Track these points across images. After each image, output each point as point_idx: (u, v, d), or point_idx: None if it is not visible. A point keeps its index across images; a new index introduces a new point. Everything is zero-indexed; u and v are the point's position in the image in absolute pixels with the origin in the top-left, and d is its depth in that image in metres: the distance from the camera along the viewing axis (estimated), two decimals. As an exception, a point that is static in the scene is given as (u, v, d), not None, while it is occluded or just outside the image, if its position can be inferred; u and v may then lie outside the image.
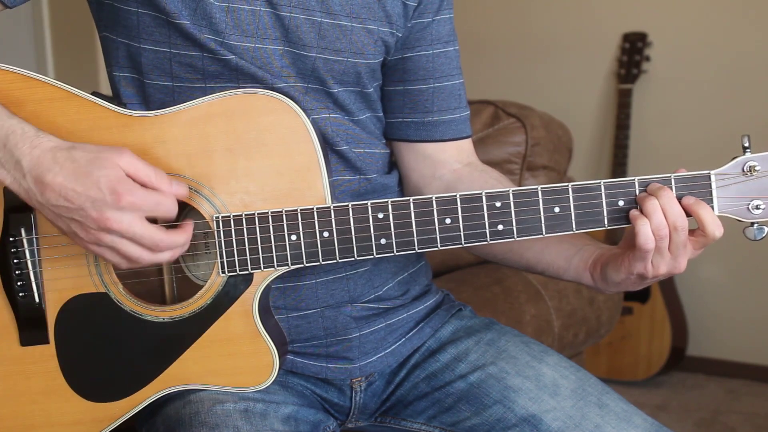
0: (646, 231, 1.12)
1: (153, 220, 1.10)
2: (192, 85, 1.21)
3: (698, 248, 1.15)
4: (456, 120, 1.37)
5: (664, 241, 1.13)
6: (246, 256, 1.15)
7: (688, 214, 1.13)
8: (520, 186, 1.44)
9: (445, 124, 1.36)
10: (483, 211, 1.15)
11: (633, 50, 3.50)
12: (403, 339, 1.34)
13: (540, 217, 1.15)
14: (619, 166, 3.45)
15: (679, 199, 1.13)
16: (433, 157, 1.37)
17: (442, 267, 2.02)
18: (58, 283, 1.18)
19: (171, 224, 1.13)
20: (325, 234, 1.15)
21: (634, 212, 1.14)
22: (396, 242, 1.15)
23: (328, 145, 1.25)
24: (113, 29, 1.23)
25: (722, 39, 3.39)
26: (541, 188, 1.15)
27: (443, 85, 1.35)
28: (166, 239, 1.09)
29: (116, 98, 1.25)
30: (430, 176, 1.37)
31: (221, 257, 1.16)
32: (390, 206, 1.15)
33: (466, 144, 1.40)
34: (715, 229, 1.13)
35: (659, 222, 1.12)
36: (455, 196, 1.15)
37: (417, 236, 1.16)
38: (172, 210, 1.09)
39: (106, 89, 1.29)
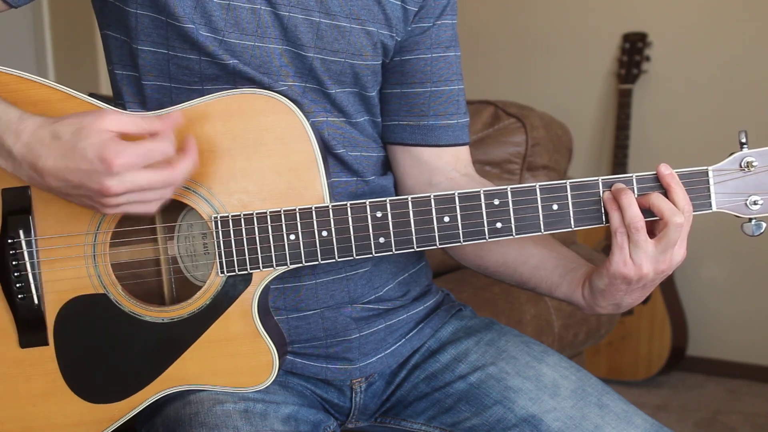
0: (614, 218, 1.13)
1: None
2: (189, 87, 1.20)
3: (674, 242, 1.14)
4: (453, 126, 1.36)
5: (636, 233, 1.12)
6: (245, 256, 1.15)
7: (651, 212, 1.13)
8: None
9: (442, 129, 1.35)
10: (481, 209, 1.15)
11: (633, 50, 3.50)
12: (403, 339, 1.34)
13: (538, 215, 1.15)
14: (619, 166, 3.45)
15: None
16: (429, 163, 1.35)
17: (442, 267, 2.02)
18: (56, 284, 1.18)
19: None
20: (324, 233, 1.15)
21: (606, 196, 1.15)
22: (395, 241, 1.15)
23: (324, 148, 1.24)
24: (115, 28, 1.23)
25: (722, 39, 3.39)
26: (539, 185, 1.15)
27: (441, 89, 1.34)
28: (171, 175, 1.07)
29: (117, 96, 1.25)
30: (426, 183, 1.36)
31: (220, 257, 1.15)
32: (388, 205, 1.15)
33: (464, 153, 1.38)
34: (672, 215, 1.11)
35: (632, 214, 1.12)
36: (453, 194, 1.15)
37: (416, 235, 1.15)
38: (168, 148, 1.07)
39: (106, 89, 1.29)
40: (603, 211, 1.15)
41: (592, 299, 1.22)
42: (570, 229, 1.15)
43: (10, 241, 1.17)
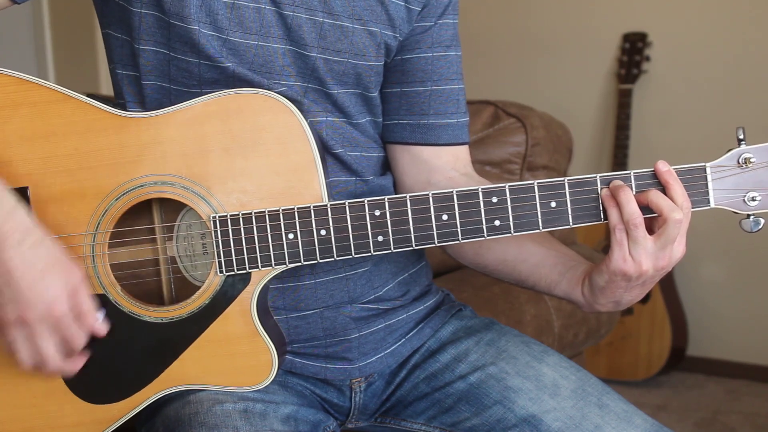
0: (613, 215, 1.13)
1: None
2: (188, 90, 1.21)
3: (673, 238, 1.14)
4: (453, 125, 1.36)
5: (635, 230, 1.12)
6: (243, 255, 1.15)
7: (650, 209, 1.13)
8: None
9: (441, 128, 1.35)
10: (480, 206, 1.15)
11: (633, 50, 3.50)
12: (403, 339, 1.34)
13: (537, 212, 1.15)
14: (619, 166, 3.45)
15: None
16: (428, 162, 1.35)
17: (442, 267, 2.02)
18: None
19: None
20: (323, 232, 1.15)
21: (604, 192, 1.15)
22: (393, 239, 1.15)
23: (323, 148, 1.24)
24: (116, 27, 1.23)
25: (722, 39, 3.40)
26: (538, 183, 1.15)
27: (441, 88, 1.34)
28: (54, 366, 1.13)
29: (117, 96, 1.25)
30: (425, 182, 1.36)
31: (218, 257, 1.15)
32: (387, 203, 1.15)
33: (463, 152, 1.38)
34: (671, 212, 1.12)
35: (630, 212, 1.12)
36: (452, 192, 1.15)
37: (414, 233, 1.15)
38: (76, 350, 1.13)
39: (106, 89, 1.29)
40: (601, 208, 1.15)
41: (592, 297, 1.22)
42: (569, 227, 1.15)
43: (9, 241, 1.17)
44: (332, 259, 1.16)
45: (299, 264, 1.16)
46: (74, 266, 1.12)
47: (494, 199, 1.15)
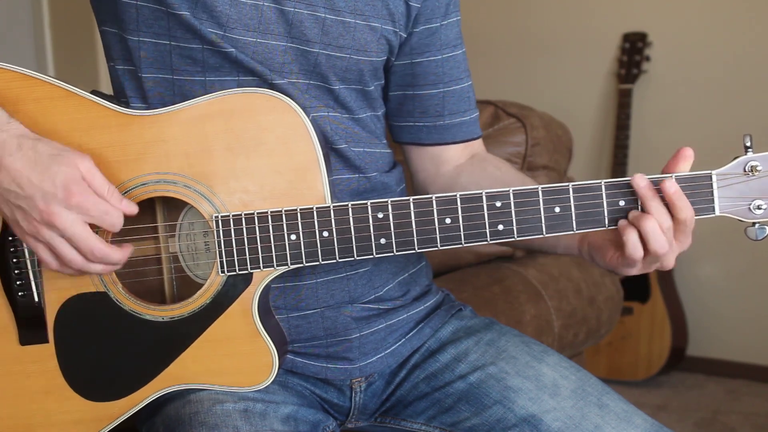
0: (634, 240, 1.13)
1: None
2: (192, 78, 1.20)
3: (682, 237, 1.14)
4: (466, 122, 1.39)
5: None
6: (245, 255, 1.15)
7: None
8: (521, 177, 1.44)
9: (456, 126, 1.38)
10: (483, 210, 1.15)
11: (633, 50, 3.50)
12: (403, 339, 1.34)
13: (540, 217, 1.15)
14: (619, 166, 3.45)
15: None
16: (440, 156, 1.40)
17: (442, 267, 2.02)
18: (57, 282, 1.18)
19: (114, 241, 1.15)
20: (325, 234, 1.15)
21: (622, 222, 1.14)
22: (396, 242, 1.15)
23: (327, 144, 1.25)
24: (113, 23, 1.22)
25: (722, 39, 3.39)
26: (542, 188, 1.15)
27: (452, 89, 1.37)
28: (101, 249, 1.10)
29: (118, 93, 1.25)
30: (435, 173, 1.40)
31: (220, 257, 1.15)
32: (390, 206, 1.15)
33: (477, 145, 1.43)
34: (686, 213, 1.12)
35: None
36: (455, 195, 1.15)
37: (417, 236, 1.15)
38: (117, 223, 1.11)
39: (106, 87, 1.29)
40: (605, 215, 1.15)
41: (590, 258, 1.24)
42: (572, 232, 1.15)
43: (10, 239, 1.17)
44: (334, 261, 1.16)
45: (301, 265, 1.16)
46: (80, 153, 1.11)
47: (498, 203, 1.15)
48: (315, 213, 1.15)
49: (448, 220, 1.15)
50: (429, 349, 1.35)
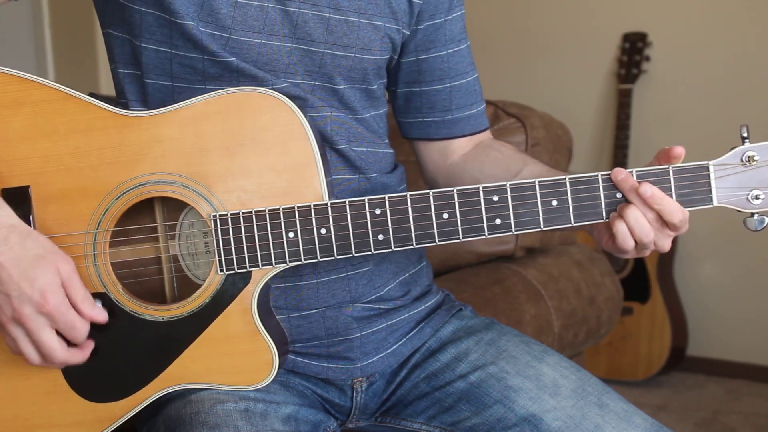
0: (623, 231, 1.14)
1: None
2: (192, 86, 1.21)
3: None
4: (474, 115, 1.41)
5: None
6: (244, 254, 1.15)
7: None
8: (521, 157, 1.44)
9: (464, 120, 1.40)
10: (480, 205, 1.15)
11: (633, 50, 3.50)
12: (404, 339, 1.34)
13: (538, 211, 1.15)
14: (619, 166, 3.44)
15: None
16: (448, 147, 1.41)
17: (442, 267, 2.02)
18: (57, 283, 1.17)
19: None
20: (323, 231, 1.15)
21: (613, 214, 1.15)
22: (393, 238, 1.15)
23: (327, 144, 1.25)
24: (117, 26, 1.23)
25: (722, 39, 3.39)
26: (539, 182, 1.15)
27: (459, 83, 1.38)
28: (60, 357, 1.12)
29: (119, 95, 1.25)
30: (442, 164, 1.41)
31: (219, 255, 1.16)
32: (387, 202, 1.15)
33: (485, 135, 1.44)
34: (677, 215, 1.13)
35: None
36: (452, 190, 1.15)
37: (414, 231, 1.16)
38: (80, 337, 1.13)
39: (106, 88, 1.29)
40: (603, 207, 1.15)
41: (593, 237, 1.23)
42: (570, 225, 1.15)
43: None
44: (333, 258, 1.16)
45: (299, 263, 1.16)
46: (65, 256, 1.12)
47: (495, 198, 1.15)
48: (312, 210, 1.15)
49: (445, 216, 1.15)
50: (429, 349, 1.35)
